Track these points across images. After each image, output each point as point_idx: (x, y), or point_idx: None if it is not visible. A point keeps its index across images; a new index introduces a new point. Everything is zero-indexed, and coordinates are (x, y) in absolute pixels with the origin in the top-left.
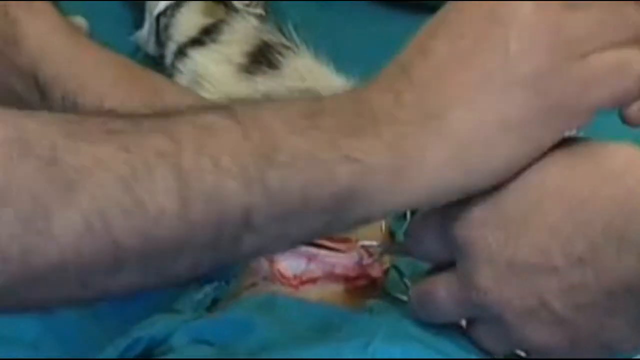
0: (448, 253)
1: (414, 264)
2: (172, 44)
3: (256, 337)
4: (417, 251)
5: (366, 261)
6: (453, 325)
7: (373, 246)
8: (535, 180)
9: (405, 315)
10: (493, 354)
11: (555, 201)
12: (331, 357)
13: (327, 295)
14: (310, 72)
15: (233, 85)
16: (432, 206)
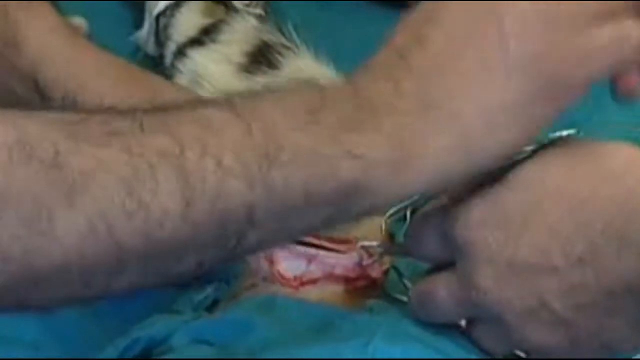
0: (448, 253)
1: (414, 265)
2: (172, 44)
3: (256, 337)
4: (417, 251)
5: (366, 262)
6: (453, 325)
7: (373, 247)
8: (535, 180)
9: (405, 315)
10: (493, 354)
11: (555, 201)
12: (331, 357)
13: (327, 295)
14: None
15: (233, 85)
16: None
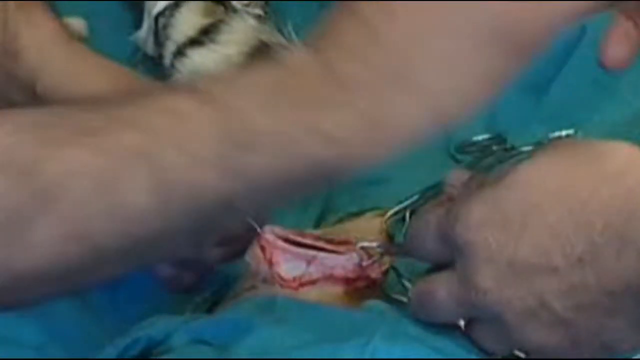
0: (447, 254)
1: (413, 265)
2: (171, 44)
3: (255, 337)
4: (417, 252)
5: (366, 262)
6: (452, 325)
7: (372, 247)
8: (535, 180)
9: (404, 315)
10: (492, 354)
11: (555, 201)
12: (330, 357)
13: (327, 296)
14: None
15: None
16: None
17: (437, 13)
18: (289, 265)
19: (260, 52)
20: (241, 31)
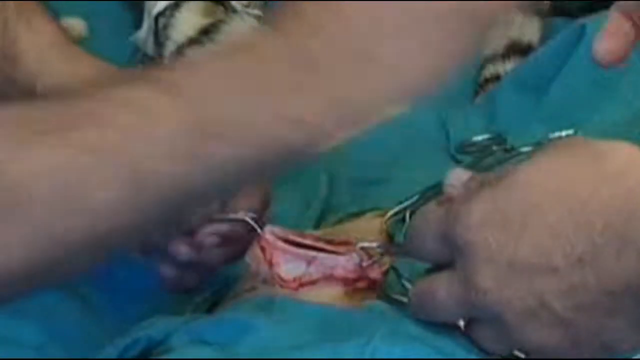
0: (447, 253)
1: (413, 266)
2: (171, 44)
3: (254, 338)
4: (417, 252)
5: (366, 263)
6: (452, 325)
7: (372, 248)
8: (535, 180)
9: (404, 315)
10: (492, 354)
11: (555, 202)
12: (330, 357)
13: (327, 297)
14: None
15: None
16: None
17: None
18: (289, 265)
19: None
20: (241, 32)
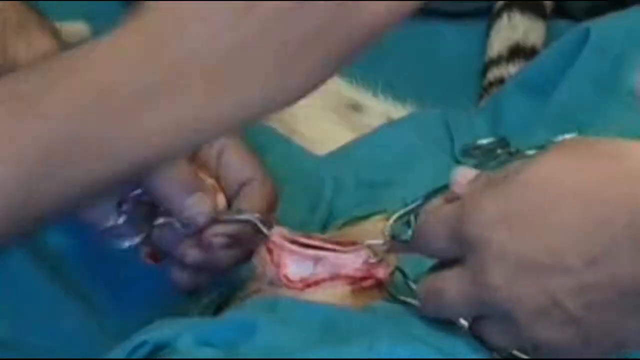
0: (457, 250)
1: (417, 267)
2: None
3: (259, 339)
4: (425, 248)
5: (372, 260)
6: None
7: (379, 245)
8: (550, 178)
9: (409, 316)
10: (499, 351)
11: (570, 200)
12: (334, 359)
13: (332, 297)
14: None
15: None
16: None
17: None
18: (297, 266)
19: None
20: None
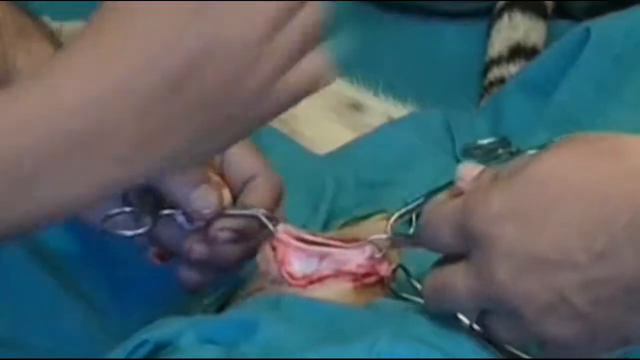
0: (462, 244)
1: (420, 265)
2: None
3: (261, 337)
4: (430, 242)
5: (377, 255)
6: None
7: (382, 240)
8: (556, 174)
9: (411, 314)
10: (505, 345)
11: (576, 195)
12: (336, 357)
13: (335, 293)
14: None
15: None
16: None
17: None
18: (301, 263)
19: None
20: None
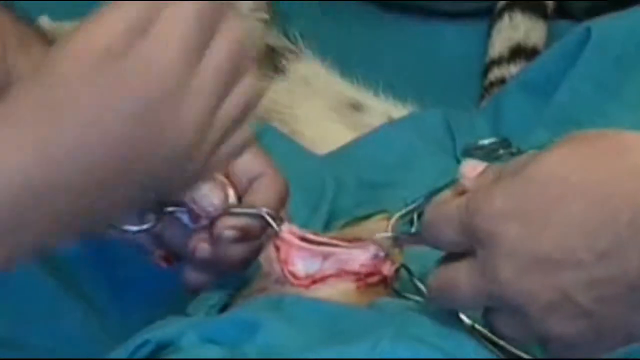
0: (466, 242)
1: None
2: None
3: (263, 336)
4: (433, 240)
5: (381, 254)
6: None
7: (386, 238)
8: (558, 173)
9: (414, 314)
10: (510, 342)
11: (579, 194)
12: (338, 358)
13: (338, 293)
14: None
15: None
16: None
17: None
18: (304, 262)
19: (267, 56)
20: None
